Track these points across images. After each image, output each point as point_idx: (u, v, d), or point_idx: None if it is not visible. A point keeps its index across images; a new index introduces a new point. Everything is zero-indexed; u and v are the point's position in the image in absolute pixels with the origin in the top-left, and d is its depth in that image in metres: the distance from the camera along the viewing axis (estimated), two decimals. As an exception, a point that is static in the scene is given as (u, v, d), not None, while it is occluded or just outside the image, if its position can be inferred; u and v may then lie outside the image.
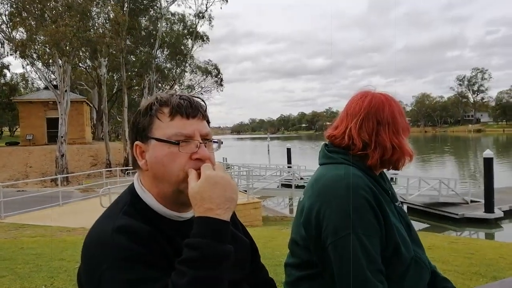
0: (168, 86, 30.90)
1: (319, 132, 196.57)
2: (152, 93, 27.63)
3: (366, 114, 1.19)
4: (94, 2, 20.42)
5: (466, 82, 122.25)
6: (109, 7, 22.20)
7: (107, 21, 22.61)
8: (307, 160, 41.18)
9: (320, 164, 1.27)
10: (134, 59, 27.68)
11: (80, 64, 29.78)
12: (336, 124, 1.26)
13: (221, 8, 33.81)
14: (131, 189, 0.91)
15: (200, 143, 0.87)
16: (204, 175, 0.81)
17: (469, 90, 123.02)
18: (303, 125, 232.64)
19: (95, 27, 21.63)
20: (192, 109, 0.89)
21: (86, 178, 20.92)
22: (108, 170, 21.20)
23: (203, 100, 0.94)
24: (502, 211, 14.06)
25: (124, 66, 24.51)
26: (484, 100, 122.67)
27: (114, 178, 19.04)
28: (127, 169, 21.02)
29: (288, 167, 26.31)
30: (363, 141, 1.18)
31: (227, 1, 26.92)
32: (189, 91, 36.87)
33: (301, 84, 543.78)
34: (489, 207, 13.76)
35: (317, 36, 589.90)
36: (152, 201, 0.88)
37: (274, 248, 5.07)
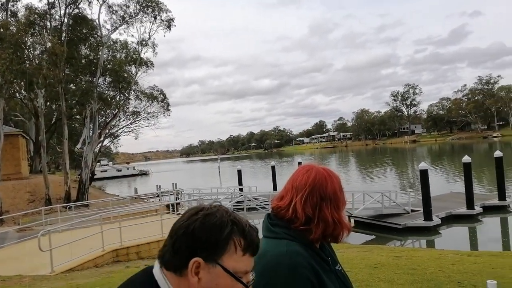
0: (112, 114, 29.89)
1: (268, 151, 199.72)
2: (95, 122, 26.87)
3: (311, 190, 1.24)
4: (29, 33, 19.41)
5: (400, 97, 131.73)
6: (45, 37, 21.26)
7: (44, 52, 21.57)
8: (259, 179, 41.64)
9: (263, 236, 1.29)
10: (74, 88, 26.53)
11: (15, 95, 27.96)
12: (282, 194, 1.31)
13: (164, 35, 33.51)
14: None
15: (250, 282, 0.89)
16: None
17: (403, 104, 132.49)
18: (253, 144, 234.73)
19: (31, 59, 20.50)
20: (259, 247, 0.90)
21: (24, 217, 19.38)
22: (48, 207, 19.82)
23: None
24: (440, 218, 15.04)
25: (64, 95, 23.40)
26: (417, 113, 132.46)
27: (55, 214, 17.85)
28: (68, 205, 19.87)
29: (240, 189, 26.40)
30: (306, 216, 1.22)
31: (170, 29, 26.92)
32: (135, 117, 35.94)
33: (249, 104, 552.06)
34: (428, 216, 14.74)
35: (263, 59, 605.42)
36: None
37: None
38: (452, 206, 16.69)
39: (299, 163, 22.70)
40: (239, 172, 29.33)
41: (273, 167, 27.88)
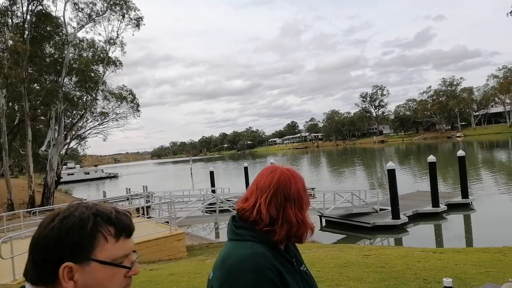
0: (79, 115, 28.90)
1: (241, 152, 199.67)
2: (60, 123, 25.87)
3: (275, 190, 1.25)
4: (-12, 30, 18.42)
5: (368, 99, 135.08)
6: (6, 35, 20.24)
7: (5, 50, 20.55)
8: (232, 180, 41.52)
9: (228, 239, 1.29)
10: (38, 88, 25.43)
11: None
12: (246, 196, 1.31)
13: (133, 34, 32.73)
14: None
15: (134, 261, 0.86)
16: None
17: (371, 105, 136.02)
18: (225, 145, 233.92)
19: (-10, 58, 19.48)
20: (132, 227, 0.86)
21: (-17, 223, 18.38)
22: (11, 213, 18.92)
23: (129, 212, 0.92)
24: (407, 216, 15.51)
25: (27, 96, 22.39)
26: (384, 114, 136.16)
27: (17, 220, 17.05)
28: (32, 210, 19.05)
29: (212, 191, 26.20)
30: (270, 216, 1.23)
31: (139, 28, 26.31)
32: (103, 118, 34.93)
33: (221, 105, 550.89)
34: (395, 214, 15.19)
35: (235, 59, 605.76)
36: None
37: (198, 287, 5.00)
38: (419, 204, 17.26)
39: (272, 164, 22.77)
40: (212, 173, 29.13)
41: (246, 168, 27.86)
